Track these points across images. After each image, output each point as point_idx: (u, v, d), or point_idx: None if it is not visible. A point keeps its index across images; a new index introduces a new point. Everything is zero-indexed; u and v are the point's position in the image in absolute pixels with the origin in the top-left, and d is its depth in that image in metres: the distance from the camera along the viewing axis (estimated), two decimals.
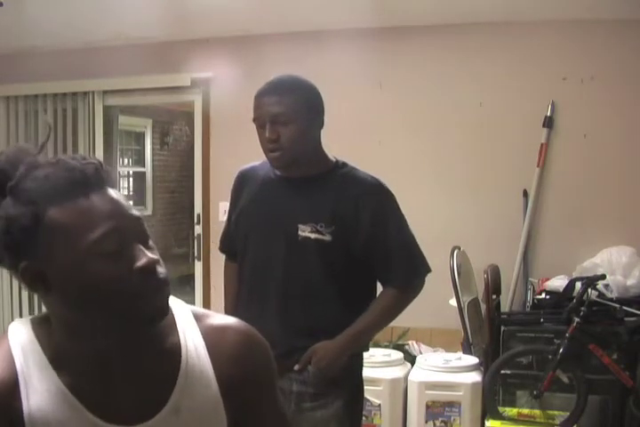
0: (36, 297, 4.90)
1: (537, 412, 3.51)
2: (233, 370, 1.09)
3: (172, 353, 1.07)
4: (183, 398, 1.05)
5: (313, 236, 2.09)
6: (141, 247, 1.01)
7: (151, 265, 1.00)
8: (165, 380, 1.06)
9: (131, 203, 1.05)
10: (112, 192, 1.02)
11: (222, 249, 2.45)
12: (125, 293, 0.99)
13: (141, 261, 1.00)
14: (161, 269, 1.02)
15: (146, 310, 1.01)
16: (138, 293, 0.99)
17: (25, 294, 4.96)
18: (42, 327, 1.05)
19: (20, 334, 1.05)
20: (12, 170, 1.00)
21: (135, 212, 1.03)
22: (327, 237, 2.09)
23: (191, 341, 1.09)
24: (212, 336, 1.11)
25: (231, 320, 1.16)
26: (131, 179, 9.32)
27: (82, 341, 1.02)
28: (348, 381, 2.18)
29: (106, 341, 1.02)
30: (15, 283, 4.95)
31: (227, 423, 1.09)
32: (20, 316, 4.94)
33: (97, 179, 1.00)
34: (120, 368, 1.04)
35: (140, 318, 1.01)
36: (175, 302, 1.13)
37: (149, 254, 1.01)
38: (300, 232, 2.10)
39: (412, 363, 3.80)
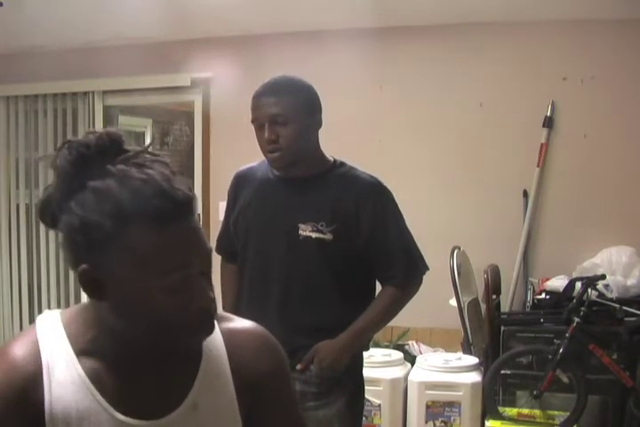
0: (36, 297, 4.91)
1: (537, 412, 3.51)
2: (249, 372, 1.12)
3: (193, 353, 1.10)
4: (201, 396, 1.08)
5: (314, 235, 2.10)
6: (204, 286, 1.00)
7: (210, 307, 1.01)
8: (185, 378, 1.08)
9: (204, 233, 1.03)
10: (193, 224, 0.99)
11: (219, 251, 2.45)
12: (176, 327, 1.00)
13: (202, 302, 0.99)
14: (214, 308, 1.03)
15: (187, 343, 1.04)
16: (188, 330, 1.01)
17: (25, 293, 4.95)
18: (71, 320, 1.07)
19: (48, 326, 1.06)
20: (99, 162, 0.97)
21: (207, 244, 1.02)
22: (328, 236, 2.10)
23: (212, 342, 1.11)
24: (232, 338, 1.13)
25: (249, 324, 1.19)
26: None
27: (114, 340, 1.04)
28: (350, 380, 2.19)
29: (139, 347, 1.04)
30: (15, 281, 4.95)
31: (241, 423, 1.11)
32: (20, 315, 4.94)
33: (184, 209, 0.97)
34: (143, 365, 1.05)
35: (177, 347, 1.05)
36: None
37: (209, 293, 1.01)
38: (300, 231, 2.11)
39: (412, 363, 3.79)
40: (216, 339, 1.12)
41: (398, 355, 3.81)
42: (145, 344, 1.04)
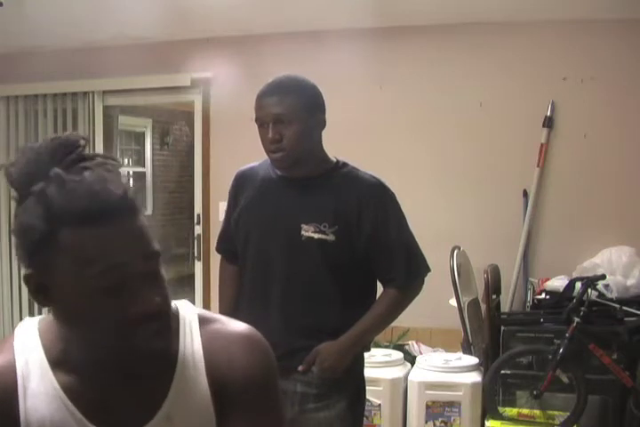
0: None
1: (537, 412, 3.51)
2: (226, 377, 1.06)
3: (168, 360, 1.05)
4: (175, 406, 1.04)
5: (316, 236, 2.09)
6: (146, 288, 0.96)
7: (147, 313, 0.96)
8: (159, 387, 1.04)
9: (151, 235, 0.99)
10: (130, 223, 0.97)
11: (219, 251, 2.44)
12: (114, 333, 0.96)
13: (142, 304, 0.96)
14: (160, 315, 0.98)
15: (134, 353, 0.98)
16: (126, 337, 0.96)
17: (25, 293, 4.95)
18: (48, 329, 1.05)
19: (26, 335, 1.05)
20: (48, 167, 0.95)
21: (150, 246, 0.98)
22: (330, 237, 2.09)
23: (189, 348, 1.07)
24: (212, 342, 1.08)
25: (235, 326, 1.12)
26: (131, 179, 9.33)
27: (79, 350, 1.02)
28: (351, 381, 2.18)
29: (100, 353, 1.01)
30: (15, 282, 4.95)
31: None
32: (20, 315, 4.93)
33: (116, 209, 0.95)
34: (115, 375, 1.03)
35: (127, 357, 0.99)
36: (183, 306, 1.12)
37: (151, 298, 0.97)
38: (303, 232, 2.10)
39: (412, 363, 3.79)
40: (194, 343, 1.08)
41: (398, 355, 3.81)
42: (107, 353, 1.00)
